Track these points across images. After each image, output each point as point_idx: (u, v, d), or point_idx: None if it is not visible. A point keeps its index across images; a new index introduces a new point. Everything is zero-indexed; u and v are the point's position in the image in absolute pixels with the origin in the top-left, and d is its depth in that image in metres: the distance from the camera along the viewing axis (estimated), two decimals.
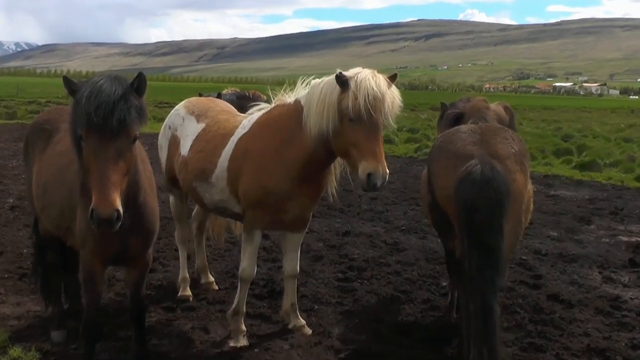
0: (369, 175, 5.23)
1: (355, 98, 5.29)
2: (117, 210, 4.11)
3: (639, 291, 8.17)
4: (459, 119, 6.77)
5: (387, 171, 5.32)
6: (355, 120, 5.31)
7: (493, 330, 5.14)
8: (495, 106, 6.88)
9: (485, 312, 5.13)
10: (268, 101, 6.60)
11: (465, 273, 5.34)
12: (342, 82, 5.43)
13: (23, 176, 12.99)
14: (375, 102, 5.28)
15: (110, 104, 4.18)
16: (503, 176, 5.22)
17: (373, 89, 5.31)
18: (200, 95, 9.47)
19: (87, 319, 5.05)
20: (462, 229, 5.32)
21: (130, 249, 5.00)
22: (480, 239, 5.18)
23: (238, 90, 10.22)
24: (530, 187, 5.82)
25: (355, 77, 5.44)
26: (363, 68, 5.61)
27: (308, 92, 5.83)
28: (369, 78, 5.40)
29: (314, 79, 6.07)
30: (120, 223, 4.18)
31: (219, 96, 9.43)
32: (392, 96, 5.46)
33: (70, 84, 4.46)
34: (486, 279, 5.15)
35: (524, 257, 9.42)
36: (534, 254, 9.72)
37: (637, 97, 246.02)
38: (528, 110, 59.14)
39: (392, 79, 5.61)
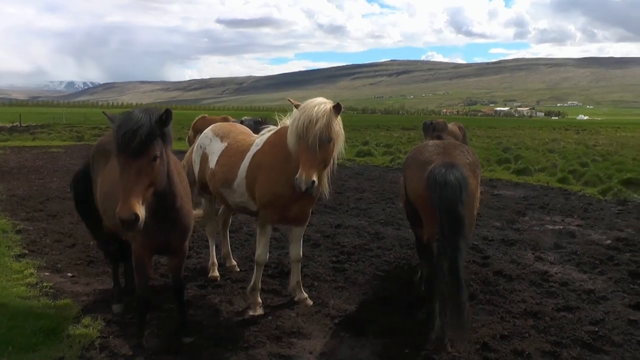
0: (295, 179, 5.20)
1: (297, 120, 5.32)
2: (135, 214, 3.94)
3: (561, 267, 8.11)
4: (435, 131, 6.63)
5: (313, 179, 5.14)
6: (299, 138, 5.30)
7: (461, 284, 4.87)
8: (451, 125, 6.90)
9: (454, 268, 4.86)
10: (275, 124, 6.59)
11: (438, 246, 5.08)
12: (295, 108, 5.50)
13: None
14: (309, 124, 5.21)
15: (131, 131, 4.11)
16: (462, 171, 5.13)
17: (309, 114, 5.24)
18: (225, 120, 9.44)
19: (139, 294, 5.02)
20: (437, 207, 4.99)
21: (171, 242, 4.95)
22: (451, 213, 4.92)
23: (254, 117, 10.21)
24: (479, 189, 5.71)
25: (304, 105, 5.41)
26: (324, 98, 5.55)
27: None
28: (309, 106, 5.34)
29: None
30: (141, 223, 3.99)
31: (242, 122, 9.40)
32: (328, 121, 5.26)
33: (108, 116, 4.48)
34: (455, 244, 4.88)
35: (475, 242, 9.35)
36: (483, 240, 9.65)
37: (557, 118, 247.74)
38: (476, 129, 58.63)
39: (336, 108, 5.41)
